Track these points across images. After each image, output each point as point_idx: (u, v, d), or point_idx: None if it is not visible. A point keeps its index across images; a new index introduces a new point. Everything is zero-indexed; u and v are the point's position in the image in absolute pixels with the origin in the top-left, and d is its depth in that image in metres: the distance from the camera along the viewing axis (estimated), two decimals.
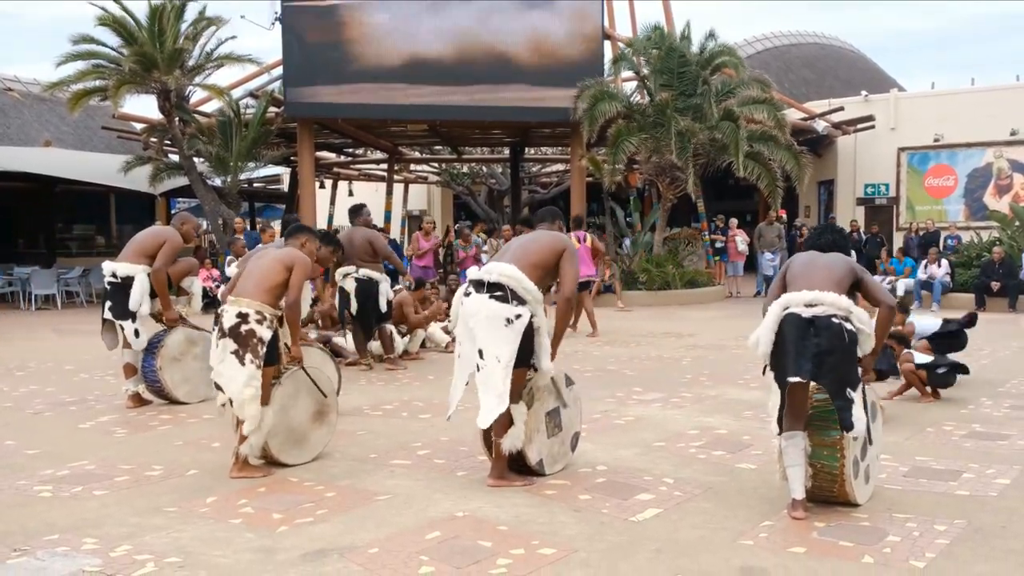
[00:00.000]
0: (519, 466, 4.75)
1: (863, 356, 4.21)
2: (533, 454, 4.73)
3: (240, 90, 18.01)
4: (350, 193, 25.21)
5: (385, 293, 8.73)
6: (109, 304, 6.85)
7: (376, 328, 8.84)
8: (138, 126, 20.36)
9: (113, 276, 6.85)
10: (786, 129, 15.88)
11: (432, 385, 7.88)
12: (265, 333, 4.91)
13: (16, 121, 23.29)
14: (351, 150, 23.70)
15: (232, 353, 4.85)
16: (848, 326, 4.09)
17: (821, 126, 20.61)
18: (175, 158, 17.43)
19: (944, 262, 15.21)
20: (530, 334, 4.57)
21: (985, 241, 16.51)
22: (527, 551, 3.71)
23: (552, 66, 16.94)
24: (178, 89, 15.88)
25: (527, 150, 23.68)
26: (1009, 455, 5.28)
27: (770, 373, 4.25)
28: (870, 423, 4.25)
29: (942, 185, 22.06)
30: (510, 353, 4.48)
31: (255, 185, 26.07)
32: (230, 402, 4.87)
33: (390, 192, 21.40)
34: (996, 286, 14.31)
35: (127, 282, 6.78)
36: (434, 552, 3.70)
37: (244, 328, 4.87)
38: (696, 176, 16.05)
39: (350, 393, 7.00)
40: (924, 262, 15.54)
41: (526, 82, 16.96)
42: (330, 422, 5.34)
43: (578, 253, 6.58)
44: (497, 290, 4.56)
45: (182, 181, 17.33)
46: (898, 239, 20.84)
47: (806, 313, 4.10)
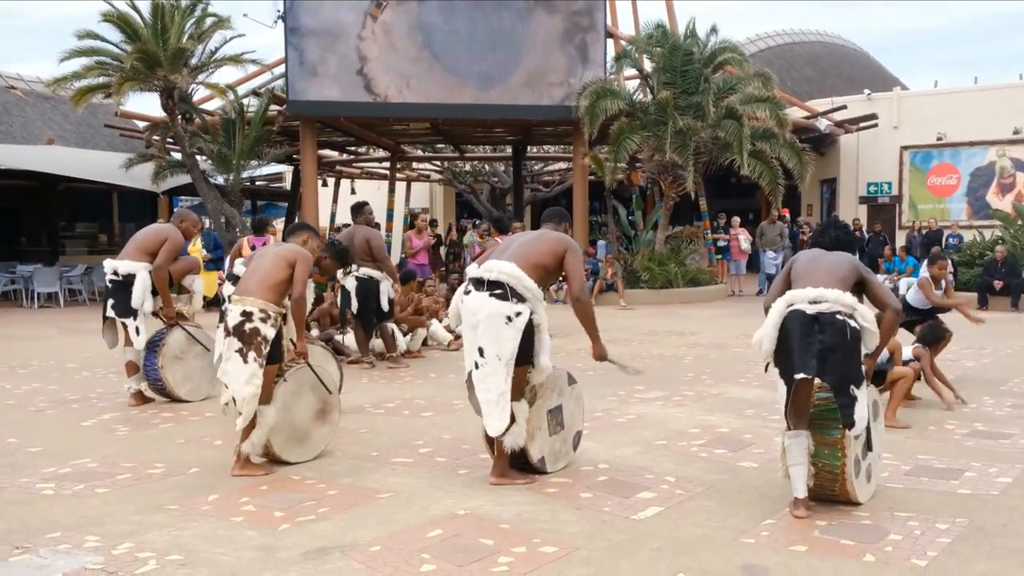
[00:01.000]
0: (521, 464, 4.75)
1: (865, 356, 4.21)
2: (535, 451, 4.74)
3: (243, 88, 18.03)
4: (352, 191, 25.21)
5: (387, 292, 8.74)
6: (111, 302, 6.87)
7: (377, 327, 8.85)
8: (141, 124, 20.38)
9: (114, 274, 6.86)
10: (787, 127, 15.85)
11: (434, 383, 7.89)
12: (269, 331, 4.92)
13: (19, 119, 23.30)
14: (353, 148, 23.71)
15: (236, 351, 4.86)
16: (852, 323, 4.08)
17: (824, 124, 20.57)
18: (177, 156, 17.40)
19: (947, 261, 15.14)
20: (530, 332, 4.57)
21: (988, 240, 16.49)
22: (528, 549, 3.71)
23: (553, 65, 16.94)
24: (181, 87, 15.86)
25: (529, 148, 23.67)
26: (1011, 454, 5.28)
27: (773, 370, 4.24)
28: (871, 422, 4.24)
29: (945, 184, 22.03)
30: (511, 351, 4.48)
31: (258, 183, 26.09)
32: (233, 400, 4.88)
33: (392, 190, 21.42)
34: (999, 285, 14.30)
35: (128, 280, 6.79)
36: (436, 550, 3.71)
37: (248, 326, 4.88)
38: (697, 174, 16.03)
39: (352, 391, 7.00)
40: (926, 261, 15.47)
41: (528, 80, 16.98)
42: (332, 420, 5.34)
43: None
44: (497, 288, 4.56)
45: (184, 179, 17.31)
46: (900, 238, 20.83)
47: (810, 310, 4.09)
